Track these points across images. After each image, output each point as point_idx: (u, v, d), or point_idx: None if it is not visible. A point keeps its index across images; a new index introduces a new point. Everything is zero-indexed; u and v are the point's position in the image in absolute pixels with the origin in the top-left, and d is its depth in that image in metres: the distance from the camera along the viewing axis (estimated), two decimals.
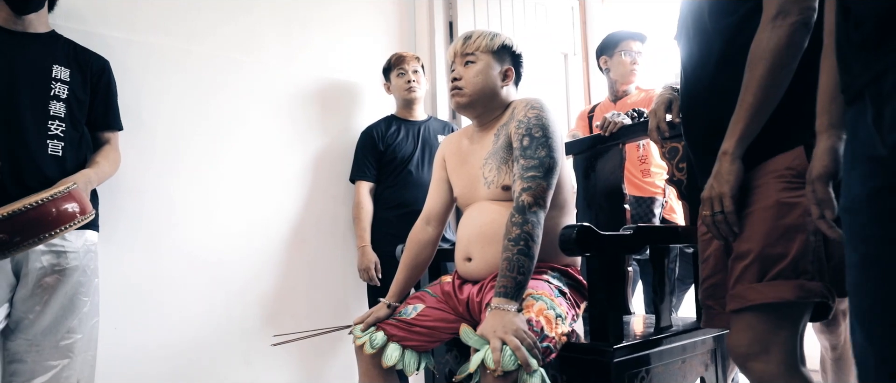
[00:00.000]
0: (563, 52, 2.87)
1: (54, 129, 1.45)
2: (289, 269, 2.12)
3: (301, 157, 2.19)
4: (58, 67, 1.48)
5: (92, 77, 1.56)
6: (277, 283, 2.09)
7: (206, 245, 1.94)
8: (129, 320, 1.77)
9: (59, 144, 1.45)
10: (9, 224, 1.19)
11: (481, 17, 2.53)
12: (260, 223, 2.07)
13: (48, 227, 1.25)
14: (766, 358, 0.95)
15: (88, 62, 1.56)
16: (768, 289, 0.95)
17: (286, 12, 2.20)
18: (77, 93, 1.51)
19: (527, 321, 1.11)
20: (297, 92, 2.20)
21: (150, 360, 1.80)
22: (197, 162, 1.95)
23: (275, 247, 2.10)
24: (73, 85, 1.50)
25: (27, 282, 1.38)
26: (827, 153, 0.80)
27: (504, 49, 1.43)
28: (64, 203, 1.28)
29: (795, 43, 0.94)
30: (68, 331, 1.42)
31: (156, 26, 1.90)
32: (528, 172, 1.25)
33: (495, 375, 1.03)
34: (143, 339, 1.79)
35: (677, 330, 1.28)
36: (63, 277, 1.42)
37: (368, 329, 1.39)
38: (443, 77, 2.51)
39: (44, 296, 1.40)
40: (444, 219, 1.55)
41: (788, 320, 0.96)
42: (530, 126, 1.30)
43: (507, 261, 1.16)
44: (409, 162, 2.15)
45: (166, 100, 1.90)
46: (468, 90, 1.39)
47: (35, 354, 1.38)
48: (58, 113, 1.46)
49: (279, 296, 2.09)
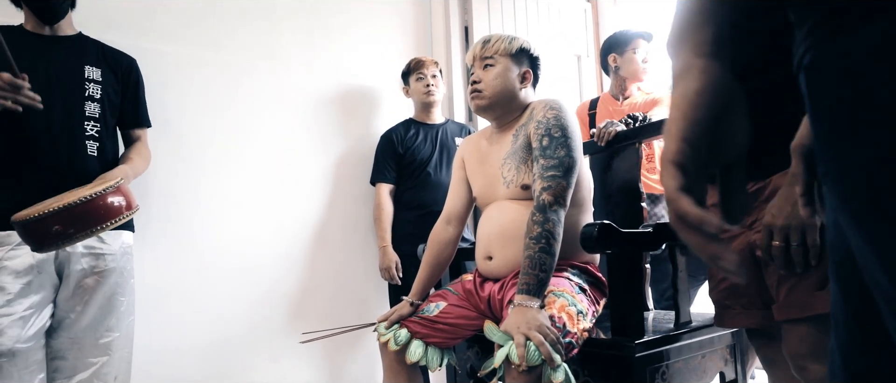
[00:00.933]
0: (576, 53, 2.87)
1: (90, 130, 1.47)
2: (313, 270, 2.15)
3: (323, 161, 2.22)
4: (90, 68, 1.50)
5: (122, 76, 1.58)
6: (302, 283, 2.12)
7: (233, 246, 1.97)
8: (160, 320, 1.80)
9: (96, 144, 1.48)
10: (64, 216, 1.22)
11: (496, 21, 2.54)
12: (284, 225, 2.10)
13: (100, 220, 1.28)
14: (824, 360, 0.92)
15: (118, 61, 1.58)
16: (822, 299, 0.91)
17: (306, 19, 2.23)
18: (109, 93, 1.53)
19: (549, 317, 1.12)
20: (319, 96, 2.23)
21: (178, 359, 1.83)
22: (223, 165, 1.98)
23: (299, 248, 2.13)
24: (106, 85, 1.52)
25: (69, 283, 1.42)
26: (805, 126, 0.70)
27: (522, 52, 1.44)
28: (114, 197, 1.31)
29: None
30: (107, 330, 1.46)
31: (183, 36, 1.94)
32: (548, 172, 1.26)
33: (520, 370, 1.04)
34: (173, 338, 1.82)
35: (697, 326, 1.28)
36: (102, 278, 1.45)
37: (392, 326, 1.41)
38: (459, 81, 2.52)
39: (84, 297, 1.43)
40: (464, 219, 1.56)
41: None
42: (549, 126, 1.31)
43: (529, 258, 1.17)
44: (427, 164, 2.17)
45: (194, 105, 1.94)
46: (487, 92, 1.40)
47: (76, 351, 1.41)
48: (93, 113, 1.48)
49: (304, 296, 2.11)
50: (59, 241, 1.25)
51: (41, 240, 1.25)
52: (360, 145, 2.31)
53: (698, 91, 0.48)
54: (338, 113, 2.28)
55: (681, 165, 0.48)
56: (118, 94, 1.56)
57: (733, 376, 1.37)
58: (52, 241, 1.25)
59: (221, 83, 2.00)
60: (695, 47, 0.50)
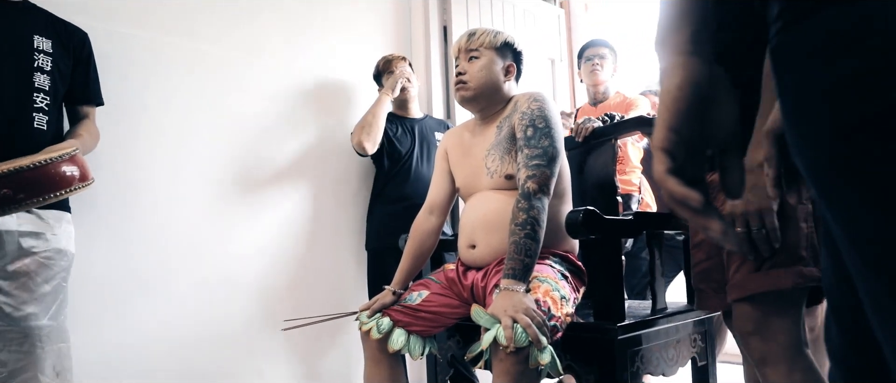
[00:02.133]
0: (550, 57, 2.91)
1: (39, 103, 1.36)
2: (289, 264, 2.10)
3: (301, 155, 2.18)
4: (39, 38, 1.39)
5: (74, 49, 1.47)
6: (277, 278, 2.07)
7: (207, 239, 1.91)
8: (135, 312, 1.73)
9: (44, 118, 1.37)
10: (15, 179, 1.15)
11: (474, 22, 2.56)
12: (260, 218, 2.05)
13: (52, 188, 1.21)
14: (767, 339, 0.95)
15: (69, 34, 1.47)
16: (766, 279, 0.96)
17: (286, 13, 2.19)
18: (60, 65, 1.42)
19: (535, 301, 1.12)
20: (297, 91, 2.19)
21: (155, 351, 1.76)
22: (198, 158, 1.92)
23: (274, 243, 2.08)
24: (56, 57, 1.41)
25: (3, 265, 1.29)
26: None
27: (506, 46, 1.45)
28: (68, 166, 1.24)
29: None
30: (49, 318, 1.33)
31: (160, 23, 1.87)
32: (532, 161, 1.27)
33: (507, 352, 1.04)
34: (145, 329, 1.75)
35: (672, 312, 1.31)
36: (43, 262, 1.33)
37: (374, 315, 1.39)
38: (438, 78, 2.52)
39: (20, 280, 1.30)
40: (446, 209, 1.56)
41: (787, 305, 0.97)
42: (534, 117, 1.31)
43: (515, 244, 1.17)
44: (409, 157, 2.15)
45: (169, 95, 1.87)
46: (473, 84, 1.40)
47: (5, 342, 1.28)
48: (42, 85, 1.37)
49: (279, 291, 2.06)
50: (6, 206, 1.17)
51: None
52: (338, 140, 2.27)
53: (679, 85, 0.52)
54: (315, 107, 2.24)
55: (668, 151, 0.52)
56: (69, 67, 1.45)
57: (704, 361, 1.40)
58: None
59: (197, 72, 1.94)
60: (675, 47, 0.54)
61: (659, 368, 1.22)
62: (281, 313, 2.01)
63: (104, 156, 1.69)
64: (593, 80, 2.35)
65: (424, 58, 2.49)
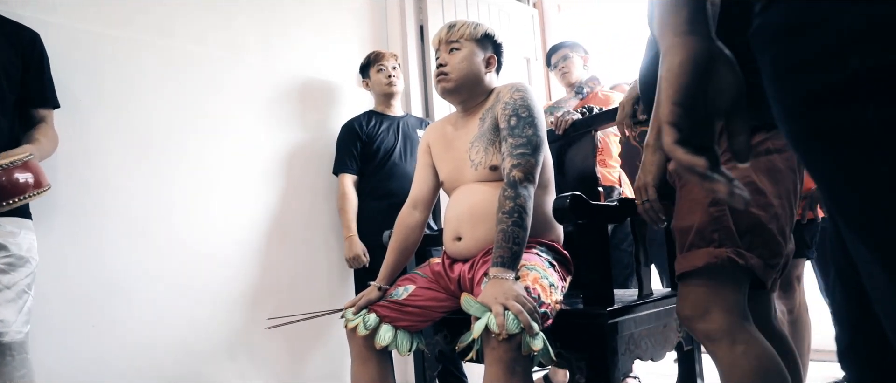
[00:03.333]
0: (525, 56, 2.91)
1: None
2: (271, 263, 2.04)
3: (280, 153, 2.12)
4: None
5: (23, 50, 1.38)
6: (260, 278, 2.01)
7: (188, 241, 1.84)
8: (109, 319, 1.65)
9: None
10: None
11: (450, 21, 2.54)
12: (242, 218, 1.98)
13: (5, 196, 1.15)
14: (708, 318, 0.96)
15: (18, 34, 1.38)
16: (685, 260, 0.99)
17: (265, 14, 2.14)
18: (7, 69, 1.33)
19: (524, 288, 1.09)
20: (274, 89, 2.14)
21: (132, 358, 1.68)
22: (178, 157, 1.85)
23: (257, 242, 2.01)
24: (3, 60, 1.33)
25: None
26: None
27: (486, 38, 1.43)
28: (21, 173, 1.18)
29: None
30: (15, 327, 1.25)
31: (134, 21, 1.80)
32: (517, 149, 1.25)
33: (499, 339, 1.01)
34: (125, 337, 1.67)
35: (658, 297, 1.30)
36: (4, 270, 1.25)
37: (360, 311, 1.35)
38: (415, 76, 2.50)
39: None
40: (430, 204, 1.53)
41: (723, 284, 0.97)
42: (517, 107, 1.30)
43: (503, 232, 1.15)
44: (392, 153, 2.12)
45: (148, 96, 1.80)
46: (454, 75, 1.38)
47: None
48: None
49: (262, 292, 2.00)
50: None
51: None
52: (318, 138, 2.23)
53: (681, 63, 0.55)
54: (295, 105, 2.19)
55: (674, 124, 0.54)
56: (18, 69, 1.36)
57: (690, 346, 1.40)
58: None
59: (173, 73, 1.87)
60: (674, 28, 0.57)
61: (648, 353, 1.21)
62: (263, 315, 1.94)
63: (77, 158, 1.62)
64: (567, 80, 2.40)
65: (401, 56, 2.46)
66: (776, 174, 0.97)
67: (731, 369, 0.94)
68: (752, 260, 0.95)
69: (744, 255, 0.94)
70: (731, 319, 0.96)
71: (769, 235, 0.96)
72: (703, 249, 0.96)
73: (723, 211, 0.96)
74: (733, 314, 0.96)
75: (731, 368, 0.94)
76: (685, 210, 1.01)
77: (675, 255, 1.43)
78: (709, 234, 0.96)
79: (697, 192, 0.98)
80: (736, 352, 0.93)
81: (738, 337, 0.95)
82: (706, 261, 0.95)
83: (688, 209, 1.00)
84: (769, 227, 0.95)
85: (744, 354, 0.93)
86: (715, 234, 0.96)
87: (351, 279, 2.17)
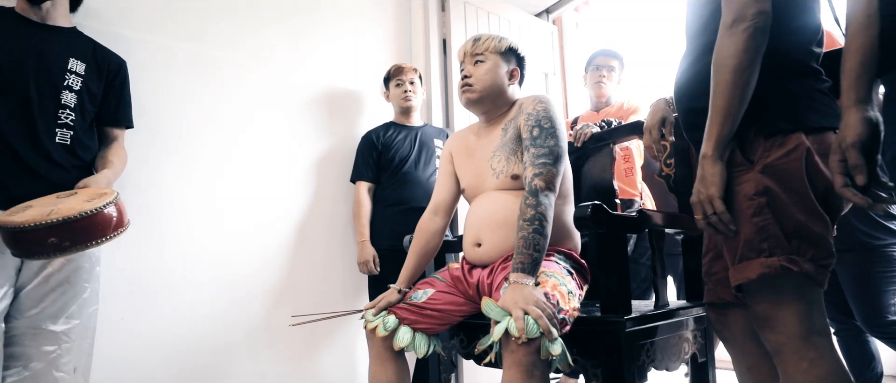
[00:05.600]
0: (544, 71, 2.93)
1: (64, 118, 1.39)
2: (292, 266, 2.06)
3: (304, 160, 2.16)
4: (74, 61, 1.42)
5: (108, 73, 1.50)
6: (281, 279, 2.03)
7: (214, 242, 1.87)
8: (137, 312, 1.68)
9: (68, 133, 1.39)
10: (62, 229, 1.14)
11: (472, 35, 2.57)
12: (265, 221, 2.01)
13: (97, 236, 1.19)
14: (774, 329, 0.93)
15: (106, 59, 1.51)
16: (738, 272, 0.96)
17: (294, 24, 2.19)
18: (91, 86, 1.45)
19: (543, 294, 1.10)
20: (302, 97, 2.18)
21: (156, 352, 1.71)
22: (206, 161, 1.89)
23: (279, 244, 2.04)
24: (88, 78, 1.44)
25: (31, 265, 1.29)
26: (860, 122, 0.82)
27: (510, 51, 1.45)
28: (111, 211, 1.22)
29: (753, 47, 0.93)
30: (67, 317, 1.33)
31: (166, 27, 1.85)
32: (539, 159, 1.26)
33: (519, 342, 1.01)
34: (151, 331, 1.70)
35: (675, 308, 1.29)
36: (68, 262, 1.33)
37: (380, 313, 1.36)
38: (437, 88, 2.52)
39: (48, 280, 1.31)
40: (450, 210, 1.54)
41: (783, 292, 0.94)
42: (540, 118, 1.31)
43: (523, 239, 1.16)
44: (407, 162, 2.14)
45: (179, 99, 1.85)
46: (478, 86, 1.40)
47: (31, 338, 1.28)
48: (68, 102, 1.39)
49: (284, 293, 2.02)
50: (51, 253, 1.16)
51: (32, 250, 1.16)
52: (342, 146, 2.26)
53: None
54: (320, 114, 2.23)
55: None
56: (100, 89, 1.48)
57: (704, 358, 1.38)
58: (43, 252, 1.16)
59: (208, 79, 1.92)
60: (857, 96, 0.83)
61: (663, 363, 1.21)
62: (282, 313, 1.97)
63: None
64: (598, 90, 2.33)
65: (424, 68, 2.49)
66: (811, 175, 0.94)
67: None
68: (805, 264, 0.91)
69: (796, 261, 0.91)
70: (796, 331, 0.92)
71: (817, 236, 0.92)
72: (754, 260, 0.93)
73: (767, 219, 0.93)
74: (799, 325, 0.92)
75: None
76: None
77: (690, 270, 1.44)
78: (757, 244, 0.93)
79: (738, 204, 0.96)
80: (800, 368, 0.89)
81: (805, 352, 0.90)
82: (759, 272, 0.92)
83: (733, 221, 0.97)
84: (814, 228, 0.92)
85: (806, 372, 0.89)
86: (764, 243, 0.93)
87: (366, 282, 2.18)
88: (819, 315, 0.94)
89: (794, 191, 0.93)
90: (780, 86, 0.97)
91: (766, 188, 0.94)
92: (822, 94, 0.99)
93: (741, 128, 0.97)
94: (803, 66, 1.00)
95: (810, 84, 0.99)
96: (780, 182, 0.94)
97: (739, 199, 0.96)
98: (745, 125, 0.97)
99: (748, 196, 0.95)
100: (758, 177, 0.95)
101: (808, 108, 0.96)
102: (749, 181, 0.96)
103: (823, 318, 0.94)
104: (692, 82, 1.08)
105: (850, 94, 0.84)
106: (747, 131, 0.98)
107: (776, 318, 0.94)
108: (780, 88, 0.98)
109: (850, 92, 0.85)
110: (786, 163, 0.94)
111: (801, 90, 0.97)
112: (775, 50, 0.96)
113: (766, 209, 0.94)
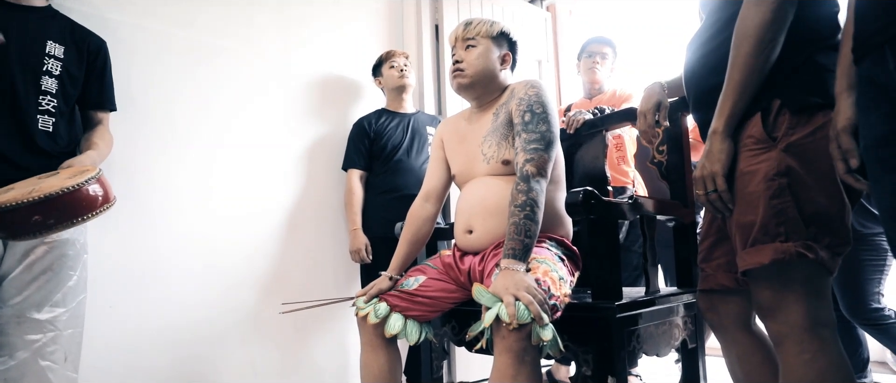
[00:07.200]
0: (537, 59, 2.90)
1: (45, 105, 1.35)
2: (283, 253, 2.04)
3: (296, 147, 2.13)
4: (52, 43, 1.38)
5: (88, 55, 1.45)
6: (272, 267, 2.01)
7: (205, 229, 1.85)
8: (126, 300, 1.66)
9: (50, 120, 1.35)
10: (45, 206, 1.11)
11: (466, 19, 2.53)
12: (256, 209, 1.99)
13: (82, 212, 1.16)
14: (777, 319, 0.90)
15: (85, 40, 1.46)
16: (748, 256, 0.92)
17: (285, 10, 2.15)
18: (71, 70, 1.40)
19: (534, 280, 1.09)
20: (294, 85, 2.15)
21: (145, 340, 1.69)
22: (197, 148, 1.86)
23: (270, 232, 2.02)
24: (68, 62, 1.40)
25: (15, 251, 1.26)
26: (851, 107, 0.80)
27: (502, 36, 1.43)
28: (95, 187, 1.20)
29: (781, 18, 0.89)
30: (52, 305, 1.29)
31: (157, 12, 1.81)
32: (530, 144, 1.24)
33: (510, 328, 1.00)
34: (140, 319, 1.68)
35: (665, 294, 1.29)
36: (52, 249, 1.30)
37: (371, 300, 1.35)
38: (429, 74, 2.50)
39: (32, 267, 1.28)
40: (442, 197, 1.52)
41: (791, 280, 0.90)
42: (531, 103, 1.29)
43: (515, 225, 1.14)
44: (399, 149, 2.12)
45: (166, 84, 1.81)
46: (470, 71, 1.38)
47: (15, 327, 1.24)
48: (49, 88, 1.36)
49: (274, 279, 2.00)
50: (36, 231, 1.13)
51: (16, 230, 1.13)
52: (333, 133, 2.23)
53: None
54: (311, 100, 2.20)
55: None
56: (81, 72, 1.44)
57: (694, 344, 1.38)
58: (28, 231, 1.13)
59: (197, 64, 1.89)
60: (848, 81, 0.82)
61: (654, 348, 1.20)
62: (273, 301, 1.95)
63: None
64: (591, 77, 2.31)
65: (416, 55, 2.46)
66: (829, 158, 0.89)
67: (789, 375, 0.88)
68: (821, 252, 0.87)
69: (812, 248, 0.87)
70: (801, 321, 0.88)
71: (836, 222, 0.89)
72: (768, 245, 0.89)
73: (787, 202, 0.89)
74: (804, 316, 0.88)
75: (790, 374, 0.88)
76: (744, 204, 0.93)
77: (682, 257, 1.43)
78: (773, 228, 0.89)
79: (756, 185, 0.91)
80: (801, 359, 0.87)
81: (808, 343, 0.87)
82: (772, 257, 0.88)
83: (747, 203, 0.93)
84: (834, 213, 0.88)
85: (807, 364, 0.86)
86: (781, 227, 0.88)
87: (357, 270, 2.17)
88: (826, 305, 0.90)
89: (818, 173, 0.89)
90: (809, 58, 0.92)
91: (789, 168, 0.89)
92: None
93: (763, 102, 0.92)
94: (831, 38, 0.94)
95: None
96: (804, 162, 0.89)
97: (757, 180, 0.91)
98: (768, 99, 0.92)
99: (768, 176, 0.90)
100: (780, 157, 0.90)
101: None
102: (770, 160, 0.91)
103: (829, 310, 0.91)
104: (709, 57, 1.03)
105: (842, 80, 0.82)
106: (770, 106, 0.93)
107: (781, 307, 0.90)
108: (810, 61, 0.92)
109: (842, 78, 0.82)
110: (812, 142, 0.89)
111: (831, 64, 0.90)
112: (802, 19, 0.92)
113: (786, 191, 0.89)
